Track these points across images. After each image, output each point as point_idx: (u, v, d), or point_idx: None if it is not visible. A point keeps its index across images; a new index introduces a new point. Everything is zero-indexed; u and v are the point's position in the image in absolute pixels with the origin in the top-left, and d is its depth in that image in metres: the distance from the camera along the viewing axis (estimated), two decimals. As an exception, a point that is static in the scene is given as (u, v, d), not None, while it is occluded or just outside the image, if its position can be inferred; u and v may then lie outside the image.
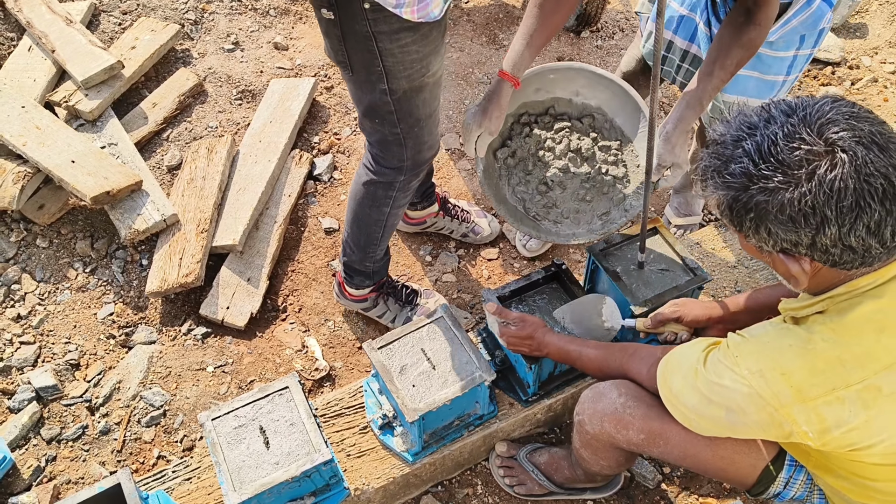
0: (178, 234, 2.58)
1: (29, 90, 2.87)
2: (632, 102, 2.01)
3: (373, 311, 2.43)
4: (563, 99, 2.06)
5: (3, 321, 2.46)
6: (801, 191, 1.12)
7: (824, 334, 1.23)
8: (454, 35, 3.50)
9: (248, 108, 3.13)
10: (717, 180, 1.21)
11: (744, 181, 1.16)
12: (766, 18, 1.77)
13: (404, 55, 1.71)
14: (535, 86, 2.01)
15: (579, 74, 2.02)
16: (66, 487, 2.14)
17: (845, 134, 1.12)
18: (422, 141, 1.93)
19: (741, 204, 1.18)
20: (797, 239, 1.16)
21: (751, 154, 1.16)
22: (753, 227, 1.19)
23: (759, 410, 1.27)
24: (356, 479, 1.91)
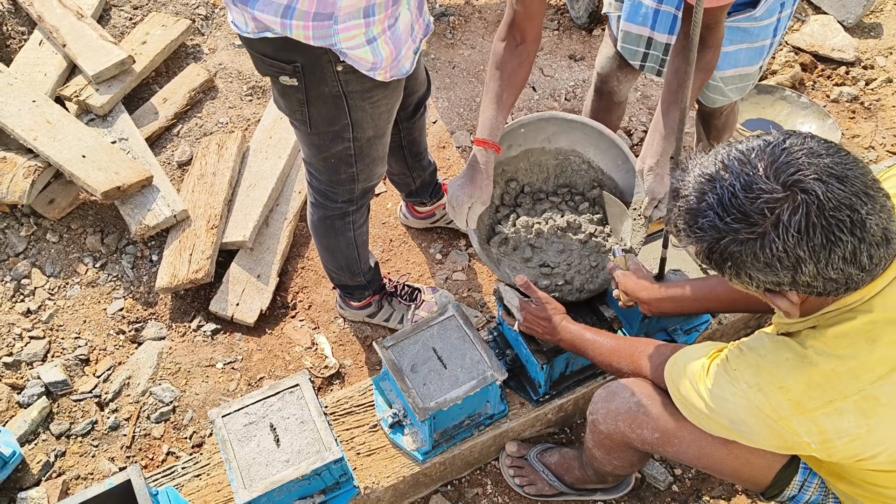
0: (188, 230, 2.57)
1: (40, 84, 2.87)
2: (605, 139, 2.03)
3: (378, 315, 2.43)
4: (536, 148, 2.06)
5: (12, 316, 2.46)
6: (770, 238, 1.12)
7: (817, 348, 1.24)
8: (465, 32, 3.49)
9: (259, 104, 3.12)
10: (689, 235, 1.22)
11: (714, 234, 1.17)
12: (717, 39, 1.80)
13: (374, 108, 1.73)
14: (507, 143, 2.01)
15: (549, 123, 2.03)
16: (76, 483, 2.14)
17: (801, 174, 1.11)
18: (373, 172, 1.94)
19: (717, 254, 1.19)
20: (777, 279, 1.17)
21: (714, 208, 1.16)
22: (734, 272, 1.20)
23: (760, 423, 1.29)
24: (366, 477, 1.90)
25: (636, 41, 2.14)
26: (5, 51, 3.11)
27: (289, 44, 1.56)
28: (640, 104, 3.23)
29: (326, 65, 1.60)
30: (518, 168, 2.08)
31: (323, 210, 2.02)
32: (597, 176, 2.07)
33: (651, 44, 2.12)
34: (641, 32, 2.11)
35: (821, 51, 3.41)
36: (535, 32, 1.76)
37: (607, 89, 2.43)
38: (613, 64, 2.33)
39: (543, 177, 2.11)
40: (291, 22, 1.50)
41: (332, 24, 1.51)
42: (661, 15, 2.05)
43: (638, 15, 2.08)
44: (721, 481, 2.09)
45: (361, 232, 2.13)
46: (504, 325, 2.06)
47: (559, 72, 3.34)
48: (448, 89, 3.21)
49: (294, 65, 1.60)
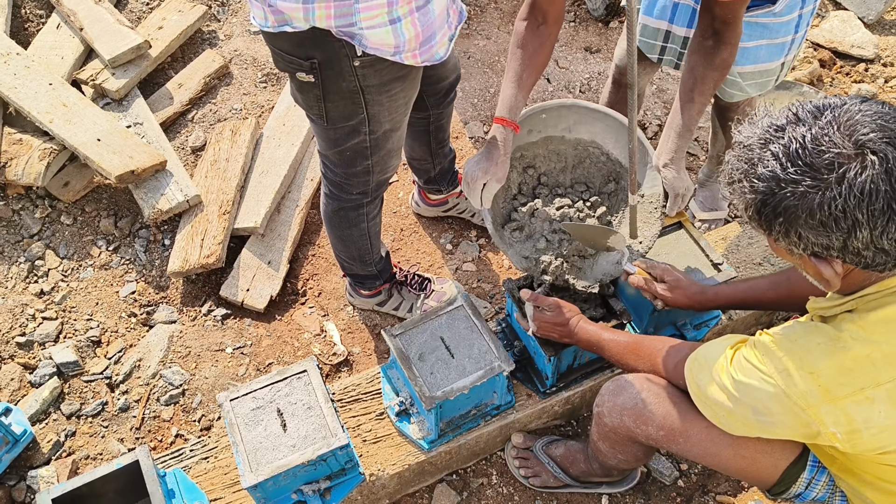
0: (201, 215, 2.58)
1: (56, 68, 2.89)
2: (626, 131, 1.99)
3: (388, 304, 2.43)
4: (556, 137, 2.05)
5: (26, 296, 2.48)
6: (832, 195, 1.09)
7: (854, 332, 1.21)
8: (481, 23, 3.48)
9: (273, 91, 3.13)
10: (744, 184, 1.18)
11: (771, 185, 1.14)
12: (735, 36, 1.77)
13: (391, 102, 1.73)
14: (527, 127, 1.99)
15: (570, 111, 2.01)
16: (85, 462, 2.16)
17: (875, 136, 1.09)
18: (387, 165, 1.94)
19: (770, 208, 1.15)
20: (828, 242, 1.14)
21: (778, 157, 1.13)
22: (783, 230, 1.17)
23: (786, 411, 1.26)
24: (371, 464, 1.91)
25: (654, 34, 2.12)
26: (23, 34, 3.13)
27: (306, 39, 1.56)
28: (656, 98, 3.21)
29: (344, 59, 1.60)
30: (536, 154, 2.07)
31: (337, 202, 2.02)
32: (615, 169, 2.05)
33: (669, 37, 2.11)
34: (659, 26, 2.09)
35: (840, 47, 3.37)
36: (557, 13, 1.75)
37: (625, 81, 2.42)
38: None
39: (561, 166, 2.10)
40: (313, 6, 1.50)
41: (353, 2, 1.50)
42: (679, 8, 2.03)
43: (656, 8, 2.07)
44: (728, 478, 2.09)
45: (375, 223, 2.13)
46: (512, 316, 2.06)
47: (574, 64, 3.32)
48: (462, 80, 3.20)
49: (311, 61, 1.60)
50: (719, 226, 2.69)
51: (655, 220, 1.94)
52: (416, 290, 2.42)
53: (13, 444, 2.09)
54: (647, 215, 1.96)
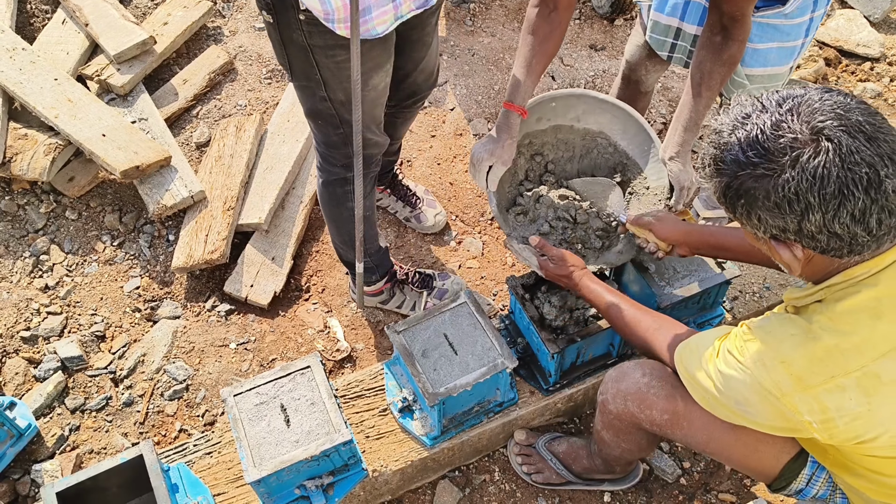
0: (205, 211, 2.59)
1: (62, 63, 2.89)
2: (634, 123, 2.01)
3: (391, 302, 2.43)
4: (565, 126, 2.04)
5: (31, 291, 2.49)
6: (785, 177, 1.14)
7: (822, 323, 1.25)
8: (486, 20, 3.47)
9: (278, 88, 3.13)
10: (713, 167, 1.24)
11: (734, 168, 1.20)
12: (743, 32, 1.78)
13: (340, 71, 1.72)
14: (536, 115, 2.00)
15: (580, 101, 2.02)
16: (89, 457, 2.17)
17: (831, 122, 1.13)
18: (365, 139, 1.93)
19: (732, 190, 1.21)
20: (784, 225, 1.18)
21: (741, 143, 1.19)
22: (745, 213, 1.22)
23: (763, 401, 1.29)
24: (374, 460, 1.92)
25: (665, 31, 2.11)
26: (29, 29, 3.14)
27: None
28: (661, 95, 3.20)
29: (290, 9, 1.60)
30: (545, 142, 2.07)
31: (325, 174, 2.04)
32: (621, 160, 2.06)
33: (680, 34, 2.10)
34: (670, 23, 2.08)
35: (845, 46, 3.36)
36: (568, 0, 1.76)
37: (635, 78, 2.41)
38: (642, 53, 2.32)
39: (569, 155, 2.10)
40: None
41: None
42: (691, 6, 2.02)
43: (668, 5, 2.06)
44: (730, 475, 2.09)
45: (366, 205, 2.11)
46: (516, 313, 2.06)
47: (579, 61, 3.32)
48: (467, 77, 3.21)
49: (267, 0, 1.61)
50: (723, 223, 2.68)
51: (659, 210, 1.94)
52: (419, 287, 2.42)
53: (18, 438, 2.10)
54: (650, 207, 1.96)
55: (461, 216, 2.76)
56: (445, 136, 2.99)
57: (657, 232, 1.81)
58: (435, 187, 2.83)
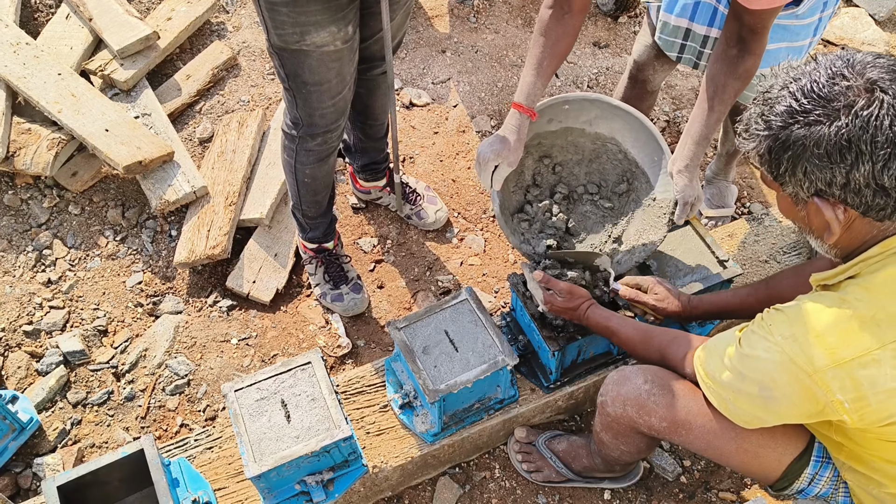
0: (207, 207, 2.59)
1: (65, 58, 2.90)
2: (646, 132, 2.00)
3: (308, 268, 2.49)
4: (576, 129, 2.04)
5: (33, 285, 2.50)
6: (838, 124, 1.15)
7: (857, 294, 1.24)
8: (489, 17, 3.47)
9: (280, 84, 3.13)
10: (759, 124, 1.24)
11: (785, 118, 1.20)
12: (761, 47, 1.77)
13: (274, 14, 1.75)
14: (548, 116, 1.99)
15: (593, 105, 2.01)
16: (90, 451, 2.17)
17: (885, 76, 1.16)
18: (311, 106, 1.95)
19: (780, 143, 1.21)
20: (831, 177, 1.18)
21: (794, 94, 1.20)
22: (790, 167, 1.22)
23: (793, 380, 1.26)
24: (375, 456, 1.92)
25: (674, 32, 2.10)
26: (33, 24, 3.14)
27: None
28: (664, 93, 3.19)
29: None
30: (554, 144, 2.07)
31: (283, 120, 2.09)
32: (630, 168, 2.05)
33: (689, 35, 2.09)
34: (679, 23, 2.07)
35: (850, 44, 3.35)
36: (583, 2, 1.76)
37: (642, 77, 2.41)
38: (651, 53, 2.31)
39: (578, 158, 2.10)
40: None
41: None
42: (700, 6, 2.01)
43: (677, 5, 2.05)
44: (731, 474, 2.09)
45: (302, 171, 2.15)
46: (517, 310, 2.06)
47: (583, 59, 3.31)
48: (470, 73, 3.20)
49: None
50: (726, 223, 2.68)
51: (662, 226, 1.93)
52: (331, 280, 2.44)
53: (19, 432, 2.11)
54: (654, 220, 1.96)
55: (463, 213, 2.76)
56: (448, 132, 2.99)
57: (661, 313, 1.85)
58: (437, 184, 2.83)
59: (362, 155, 2.54)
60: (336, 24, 1.79)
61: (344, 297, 2.42)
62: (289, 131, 2.08)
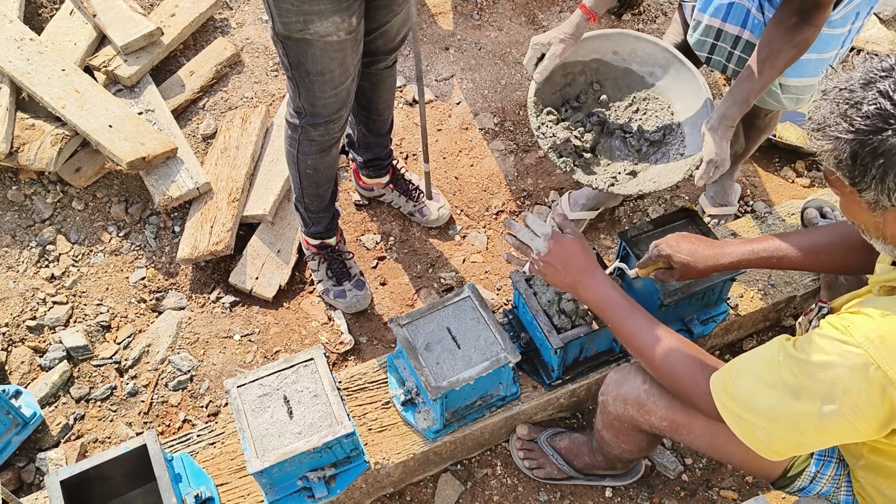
0: (210, 203, 2.60)
1: (69, 54, 2.90)
2: (701, 100, 1.99)
3: (311, 264, 2.48)
4: (636, 75, 2.03)
5: (37, 281, 2.50)
6: None
7: None
8: (493, 14, 3.46)
9: (284, 80, 3.13)
10: (841, 125, 1.12)
11: (877, 122, 1.09)
12: (822, 18, 1.75)
13: (279, 2, 1.76)
14: (614, 48, 2.00)
15: (661, 56, 1.99)
16: (93, 446, 2.18)
17: None
18: (314, 95, 1.96)
19: (870, 149, 1.10)
20: None
21: (888, 94, 1.09)
22: (879, 175, 1.10)
23: (871, 386, 1.14)
24: (376, 453, 1.92)
25: (706, 32, 2.08)
26: (37, 19, 3.14)
27: None
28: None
29: None
30: (609, 78, 2.10)
31: (287, 109, 2.09)
32: (671, 126, 2.06)
33: (721, 35, 2.07)
34: (712, 23, 2.05)
35: (854, 42, 3.34)
36: None
37: None
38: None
39: (626, 103, 2.11)
40: None
41: None
42: (734, 7, 1.99)
43: (711, 6, 2.03)
44: (732, 472, 2.09)
45: (304, 161, 2.16)
46: (520, 307, 2.06)
47: (586, 56, 3.30)
48: (473, 70, 3.20)
49: None
50: (729, 221, 2.68)
51: (679, 172, 1.92)
52: (334, 277, 2.44)
53: (23, 427, 2.11)
54: (675, 176, 1.94)
55: (466, 210, 2.76)
56: (451, 130, 2.99)
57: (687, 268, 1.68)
58: (440, 181, 2.83)
59: (366, 151, 2.54)
60: (340, 14, 1.80)
61: (347, 293, 2.42)
62: (291, 120, 2.08)
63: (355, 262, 2.51)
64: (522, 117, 3.05)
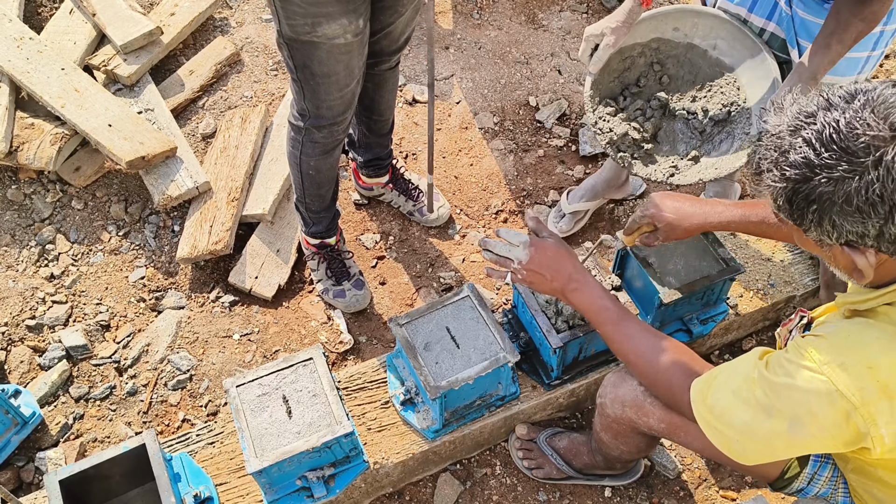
0: (210, 202, 2.59)
1: (69, 53, 2.90)
2: (768, 74, 1.93)
3: (310, 264, 2.48)
4: (699, 49, 1.98)
5: (36, 280, 2.50)
6: (868, 178, 1.05)
7: None
8: (493, 13, 3.46)
9: (284, 80, 3.13)
10: (774, 173, 1.13)
11: (805, 172, 1.09)
12: None
13: (287, 4, 1.75)
14: (674, 24, 1.96)
15: (723, 28, 1.94)
16: (93, 445, 2.18)
17: None
18: (319, 98, 1.96)
19: (802, 196, 1.11)
20: (864, 230, 1.09)
21: (811, 142, 1.08)
22: (816, 219, 1.12)
23: (836, 411, 1.17)
24: (376, 452, 1.92)
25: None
26: (36, 18, 3.14)
27: None
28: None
29: None
30: (671, 55, 2.05)
31: (290, 111, 2.09)
32: (738, 102, 2.00)
33: (745, 25, 2.06)
34: (738, 12, 2.02)
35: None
36: None
37: None
38: None
39: (690, 78, 2.06)
40: None
41: None
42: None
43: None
44: (731, 472, 2.09)
45: (308, 163, 2.16)
46: (519, 307, 2.06)
47: (586, 56, 3.30)
48: (473, 70, 3.20)
49: None
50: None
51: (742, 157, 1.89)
52: (334, 276, 2.44)
53: (22, 426, 2.11)
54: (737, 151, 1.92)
55: (465, 210, 2.76)
56: (451, 129, 2.99)
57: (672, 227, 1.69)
58: (439, 181, 2.82)
59: (366, 150, 2.54)
60: (348, 16, 1.79)
61: (346, 293, 2.42)
62: (295, 122, 2.08)
63: (355, 262, 2.51)
64: (522, 116, 3.05)
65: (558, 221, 2.65)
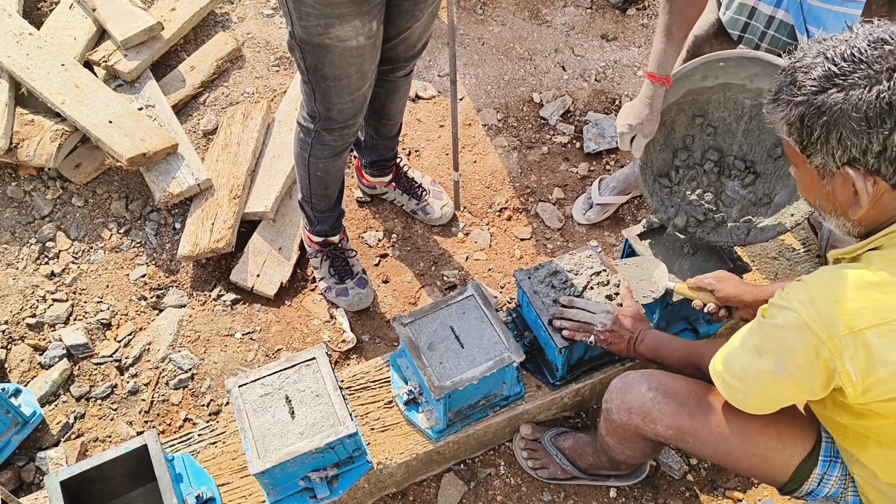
0: (211, 199, 2.58)
1: (69, 48, 2.88)
2: None
3: (313, 262, 2.46)
4: (736, 84, 1.98)
5: (37, 278, 2.49)
6: (880, 87, 1.13)
7: (881, 264, 1.23)
8: (496, 9, 3.44)
9: (286, 75, 3.11)
10: (790, 91, 1.21)
11: (822, 83, 1.17)
12: None
13: (300, 5, 1.73)
14: (702, 73, 1.95)
15: (752, 63, 1.93)
16: (94, 445, 2.17)
17: None
18: (330, 101, 1.94)
19: (815, 109, 1.18)
20: (867, 144, 1.15)
21: (832, 58, 1.17)
22: (824, 134, 1.18)
23: (807, 346, 1.23)
24: (379, 453, 1.91)
25: (739, 10, 2.05)
26: (36, 13, 3.12)
27: None
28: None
29: None
30: (710, 101, 2.03)
31: (299, 115, 2.08)
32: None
33: (754, 14, 2.03)
34: (746, 1, 2.02)
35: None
36: None
37: (700, 53, 2.35)
38: (711, 30, 2.24)
39: (736, 115, 2.04)
40: None
41: None
42: None
43: None
44: (737, 473, 2.07)
45: (316, 164, 2.14)
46: (524, 306, 2.04)
47: (590, 52, 3.28)
48: (476, 66, 3.18)
49: None
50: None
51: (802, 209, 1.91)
52: (337, 274, 2.42)
53: (22, 426, 2.10)
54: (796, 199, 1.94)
55: (469, 207, 2.74)
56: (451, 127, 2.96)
57: (719, 298, 1.77)
58: (443, 178, 2.81)
59: (372, 152, 2.52)
60: (361, 18, 1.77)
61: (349, 291, 2.40)
62: (305, 124, 2.06)
63: (358, 260, 2.50)
64: (526, 113, 3.03)
65: (586, 211, 2.65)
